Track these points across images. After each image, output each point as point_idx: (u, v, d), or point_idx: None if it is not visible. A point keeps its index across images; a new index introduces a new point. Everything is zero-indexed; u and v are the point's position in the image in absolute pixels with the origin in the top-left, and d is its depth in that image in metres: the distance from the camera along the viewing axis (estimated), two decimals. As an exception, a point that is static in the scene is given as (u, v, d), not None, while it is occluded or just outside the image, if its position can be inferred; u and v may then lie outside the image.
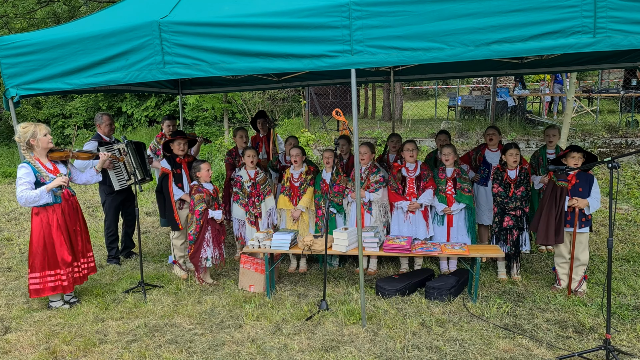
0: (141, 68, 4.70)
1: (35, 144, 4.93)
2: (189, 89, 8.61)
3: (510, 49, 3.85)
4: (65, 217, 5.08)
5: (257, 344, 4.35)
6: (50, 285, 5.05)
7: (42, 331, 4.75)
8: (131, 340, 4.53)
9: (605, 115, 15.14)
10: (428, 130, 14.52)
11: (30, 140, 4.90)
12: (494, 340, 4.30)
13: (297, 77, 7.79)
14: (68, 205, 5.12)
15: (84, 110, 19.62)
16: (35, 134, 4.90)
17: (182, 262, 6.17)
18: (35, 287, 5.03)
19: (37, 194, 4.82)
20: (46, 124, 5.11)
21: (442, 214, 5.84)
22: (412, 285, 5.40)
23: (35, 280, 5.02)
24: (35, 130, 4.90)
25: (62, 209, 5.05)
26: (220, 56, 4.47)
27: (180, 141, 6.00)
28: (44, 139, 4.96)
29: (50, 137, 5.05)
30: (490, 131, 6.43)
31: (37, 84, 5.05)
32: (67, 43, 4.84)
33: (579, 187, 5.07)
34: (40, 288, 5.03)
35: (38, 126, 4.94)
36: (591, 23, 3.67)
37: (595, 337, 4.32)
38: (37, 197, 4.82)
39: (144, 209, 9.89)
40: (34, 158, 4.95)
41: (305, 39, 4.22)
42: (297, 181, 6.16)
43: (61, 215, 5.04)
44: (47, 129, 5.04)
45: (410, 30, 4.00)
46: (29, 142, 4.91)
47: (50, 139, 5.05)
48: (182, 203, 5.99)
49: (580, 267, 5.19)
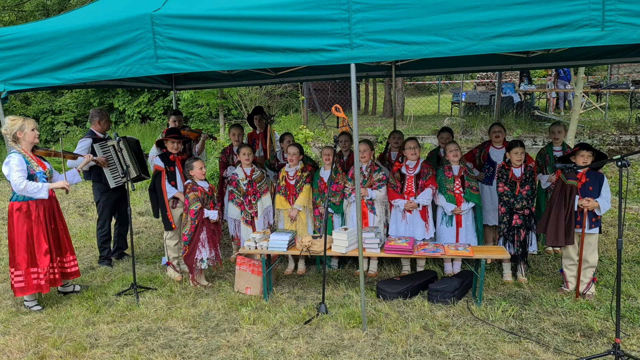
0: (133, 62, 4.69)
1: (22, 137, 5.08)
2: (183, 84, 8.60)
3: (515, 42, 3.85)
4: (46, 214, 5.20)
5: (254, 349, 4.35)
6: (34, 283, 5.12)
7: (31, 335, 4.75)
8: (123, 344, 4.53)
9: (614, 111, 15.16)
10: (431, 127, 14.51)
11: (17, 133, 5.06)
12: (499, 344, 4.30)
13: (295, 72, 7.78)
14: (50, 204, 5.24)
15: (74, 107, 19.57)
16: (23, 127, 5.07)
17: (176, 264, 6.17)
18: (20, 285, 5.09)
19: (39, 187, 4.98)
20: (35, 120, 5.22)
21: (451, 214, 5.84)
22: (414, 288, 5.40)
23: (20, 278, 5.09)
24: (24, 124, 5.08)
25: (44, 206, 5.17)
26: (215, 50, 4.46)
27: (173, 140, 6.00)
28: (31, 134, 5.12)
29: (37, 132, 5.21)
30: (495, 128, 6.43)
31: (26, 79, 5.04)
32: (57, 37, 4.83)
33: (589, 186, 5.07)
34: (24, 286, 5.10)
35: (27, 120, 5.12)
36: (599, 16, 3.67)
37: (604, 342, 4.33)
38: (37, 189, 4.97)
39: (136, 209, 9.89)
40: (22, 150, 5.08)
41: (303, 32, 4.22)
42: (292, 179, 6.15)
43: (43, 212, 5.16)
44: (35, 124, 5.20)
45: (412, 23, 3.99)
46: (15, 135, 5.06)
47: (37, 134, 5.20)
48: (175, 202, 5.99)
49: (589, 269, 5.19)
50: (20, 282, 5.10)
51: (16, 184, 4.90)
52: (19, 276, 5.10)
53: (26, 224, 5.07)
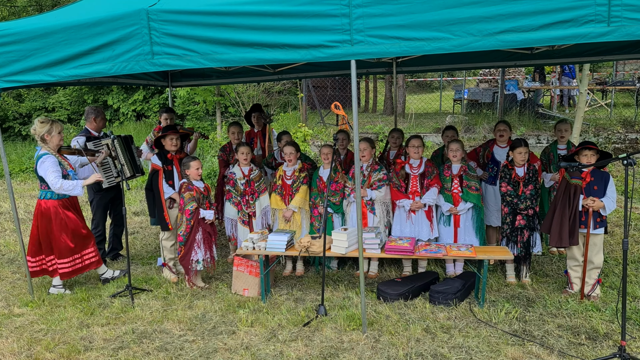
0: (128, 59, 4.69)
1: (49, 139, 5.49)
2: (179, 81, 8.60)
3: (519, 38, 3.85)
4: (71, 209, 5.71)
5: (252, 352, 4.35)
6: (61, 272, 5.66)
7: (23, 337, 4.74)
8: (118, 347, 4.53)
9: (620, 109, 15.15)
10: (432, 124, 14.52)
11: (45, 135, 5.47)
12: (502, 347, 4.31)
13: (294, 68, 7.78)
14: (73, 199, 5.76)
15: (67, 104, 19.57)
16: (50, 130, 5.48)
17: (172, 265, 6.17)
18: (65, 270, 5.67)
19: (74, 185, 5.46)
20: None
21: (448, 214, 5.85)
22: (415, 289, 5.40)
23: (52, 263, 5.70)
24: (51, 128, 5.50)
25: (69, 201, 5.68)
26: (212, 46, 4.46)
27: (172, 136, 5.99)
28: (57, 137, 5.54)
29: (62, 135, 5.64)
30: (500, 127, 6.42)
31: (19, 75, 5.04)
32: (50, 33, 4.83)
33: (594, 185, 5.06)
34: (68, 271, 5.69)
35: (54, 124, 5.54)
36: (605, 11, 3.66)
37: (609, 344, 4.33)
38: (72, 186, 5.44)
39: (131, 209, 9.89)
40: (50, 150, 5.53)
41: (303, 28, 4.21)
42: (289, 179, 6.15)
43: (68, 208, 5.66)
44: (62, 127, 5.66)
45: (414, 19, 3.99)
46: (43, 137, 5.49)
47: (61, 137, 5.62)
48: (172, 202, 5.98)
49: (594, 270, 5.19)
50: (66, 268, 5.66)
51: (53, 184, 5.35)
52: (64, 263, 5.65)
53: (53, 219, 5.54)
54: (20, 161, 15.02)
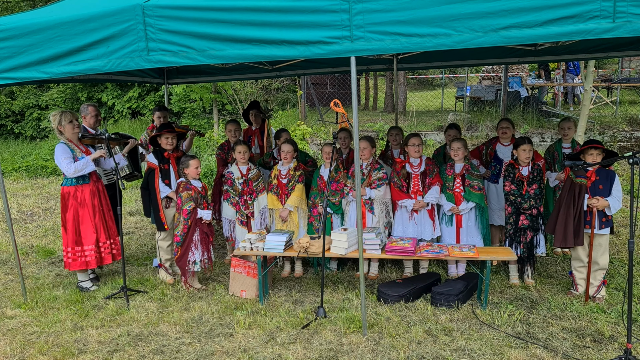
0: (123, 55, 4.67)
1: (63, 130, 5.69)
2: (175, 78, 8.58)
3: (522, 35, 3.84)
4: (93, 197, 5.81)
5: (249, 354, 4.35)
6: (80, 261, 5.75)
7: (16, 340, 4.74)
8: (113, 350, 4.52)
9: (625, 106, 15.16)
10: (434, 122, 14.52)
11: (58, 127, 5.69)
12: (505, 350, 4.31)
13: (293, 65, 7.78)
14: (96, 188, 5.86)
15: (61, 101, 19.54)
16: (60, 121, 5.66)
17: (168, 266, 6.17)
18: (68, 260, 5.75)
19: (83, 163, 5.62)
20: (74, 112, 5.76)
21: (449, 214, 5.84)
22: (416, 291, 5.41)
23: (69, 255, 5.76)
24: (61, 118, 5.66)
25: (90, 189, 5.78)
26: (209, 42, 4.44)
27: (168, 135, 5.98)
28: (69, 126, 5.68)
29: (76, 122, 5.76)
30: (503, 124, 6.42)
31: (11, 72, 5.02)
32: (43, 28, 4.81)
33: (599, 185, 5.06)
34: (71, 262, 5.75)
35: (64, 114, 5.69)
36: (610, 7, 3.66)
37: (615, 347, 4.33)
38: (83, 165, 5.62)
39: (126, 208, 9.88)
40: (67, 140, 5.70)
41: (301, 24, 4.20)
42: (284, 178, 6.14)
43: (89, 195, 5.77)
44: (73, 116, 5.75)
45: (415, 14, 3.98)
46: (58, 130, 5.70)
47: (76, 125, 5.75)
48: (168, 201, 5.98)
49: (599, 271, 5.19)
50: (69, 258, 5.74)
51: (66, 169, 5.56)
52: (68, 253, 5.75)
53: (73, 206, 5.70)
54: (12, 160, 15.01)
